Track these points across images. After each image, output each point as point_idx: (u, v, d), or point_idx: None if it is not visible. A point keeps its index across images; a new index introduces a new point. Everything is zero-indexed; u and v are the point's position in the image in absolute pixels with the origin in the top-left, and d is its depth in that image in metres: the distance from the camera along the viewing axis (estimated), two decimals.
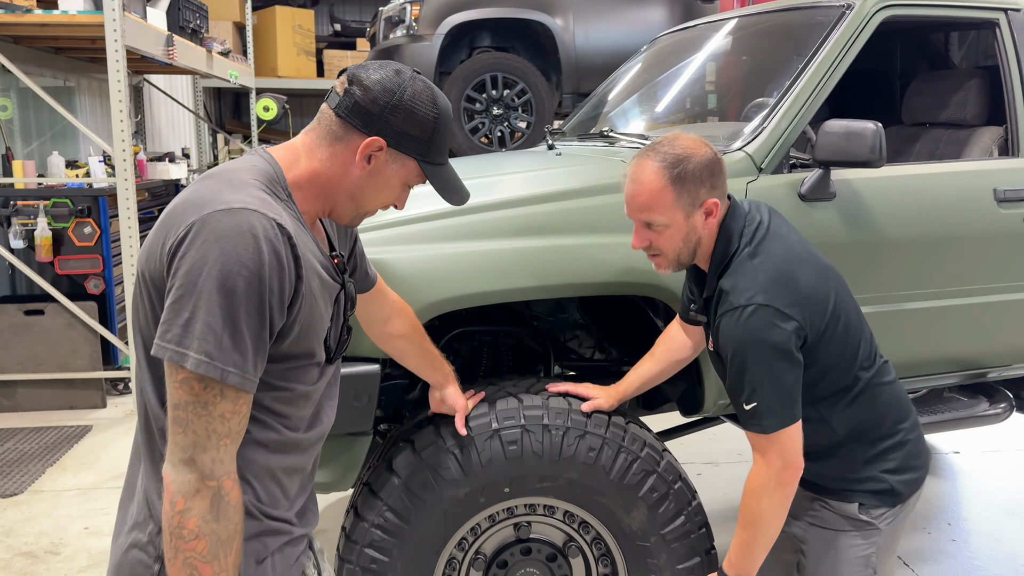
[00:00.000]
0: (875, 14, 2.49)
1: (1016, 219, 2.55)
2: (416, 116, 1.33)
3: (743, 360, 1.72)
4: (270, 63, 9.74)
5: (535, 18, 5.98)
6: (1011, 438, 4.48)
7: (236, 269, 1.15)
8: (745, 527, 1.80)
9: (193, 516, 1.17)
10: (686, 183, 1.74)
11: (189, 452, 1.17)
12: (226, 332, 1.16)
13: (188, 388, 1.16)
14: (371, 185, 1.36)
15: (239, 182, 1.26)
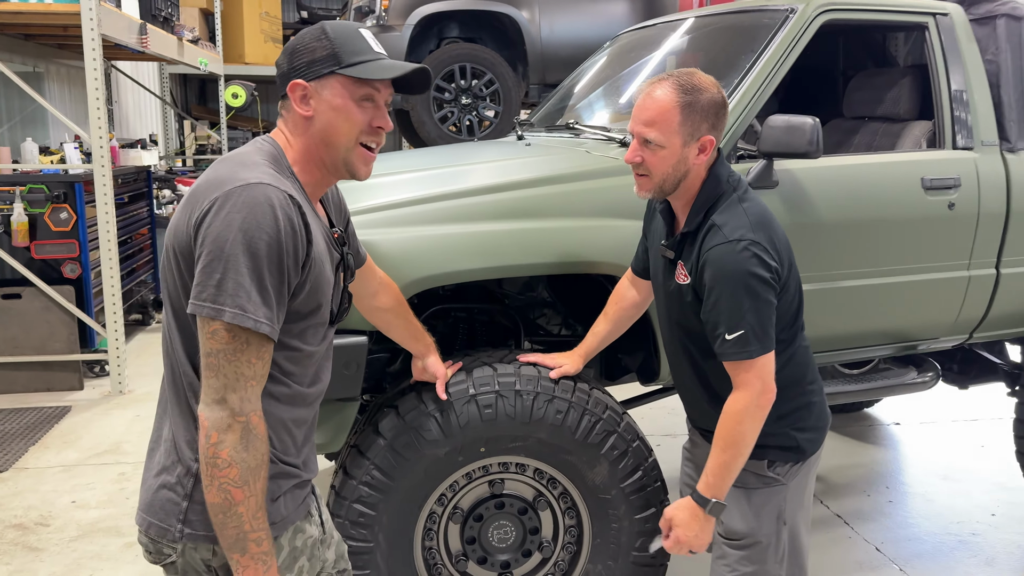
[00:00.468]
0: (816, 17, 2.73)
1: (941, 205, 2.81)
2: (307, 45, 1.47)
3: (733, 289, 1.81)
4: (237, 50, 9.79)
5: (502, 10, 6.16)
6: (947, 410, 4.82)
7: (258, 234, 1.33)
8: (725, 450, 1.87)
9: (226, 447, 1.34)
10: (693, 112, 1.83)
11: (221, 393, 1.34)
12: (254, 288, 1.33)
13: (219, 338, 1.34)
14: (328, 120, 1.47)
15: (251, 162, 1.43)
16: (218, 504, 1.36)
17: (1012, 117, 2.97)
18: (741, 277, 1.81)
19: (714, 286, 1.84)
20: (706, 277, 1.85)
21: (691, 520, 1.92)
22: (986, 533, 3.41)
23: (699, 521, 1.91)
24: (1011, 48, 2.99)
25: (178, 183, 7.91)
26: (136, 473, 3.91)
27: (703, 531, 1.92)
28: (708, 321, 1.87)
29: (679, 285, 1.95)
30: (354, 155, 1.51)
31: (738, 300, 1.81)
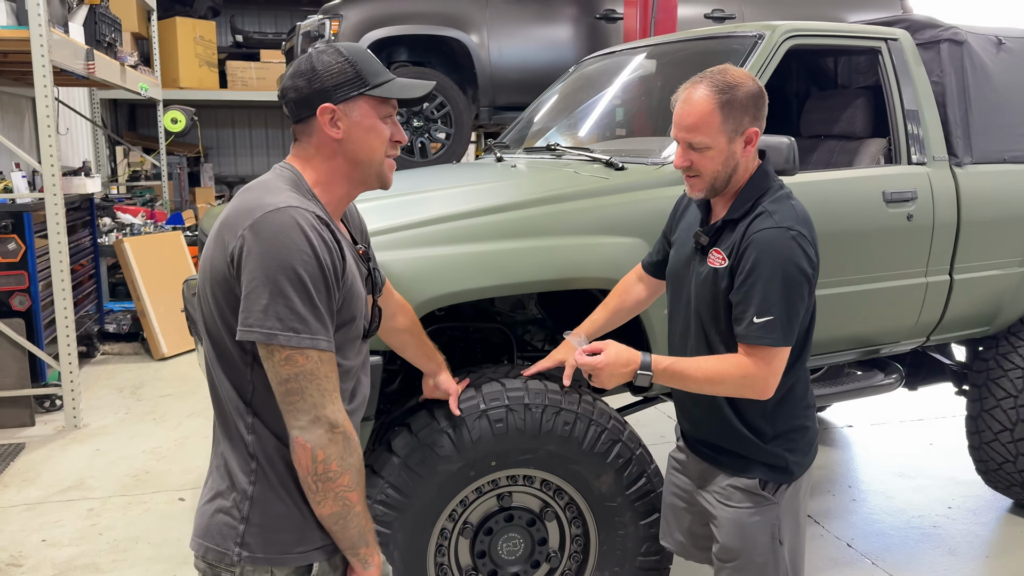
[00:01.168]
0: (783, 42, 2.90)
1: (901, 217, 3.01)
2: (332, 68, 1.50)
3: (773, 274, 1.81)
4: (172, 74, 9.63)
5: (452, 35, 6.25)
6: (895, 412, 5.07)
7: (298, 255, 1.37)
8: (700, 368, 1.90)
9: (334, 460, 1.40)
10: (733, 109, 1.85)
11: (313, 412, 1.39)
12: (306, 308, 1.37)
13: (293, 363, 1.38)
14: (358, 140, 1.53)
15: (274, 188, 1.48)
16: (337, 512, 1.43)
17: (958, 134, 3.20)
18: (784, 264, 1.82)
19: (755, 267, 1.84)
20: (749, 257, 1.85)
21: (618, 360, 1.94)
22: (945, 525, 3.62)
23: (623, 367, 1.93)
24: (954, 70, 3.22)
25: (117, 211, 7.72)
26: (105, 509, 3.82)
27: (615, 374, 1.94)
28: (739, 301, 1.87)
29: (713, 269, 1.94)
30: (384, 167, 1.60)
31: (775, 285, 1.82)
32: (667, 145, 2.84)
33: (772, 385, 1.89)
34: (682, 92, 1.94)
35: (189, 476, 4.18)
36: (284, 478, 1.47)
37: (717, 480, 2.09)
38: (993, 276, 3.24)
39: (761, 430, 2.02)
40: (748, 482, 2.02)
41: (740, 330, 1.88)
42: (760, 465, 2.01)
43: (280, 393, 1.40)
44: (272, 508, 1.46)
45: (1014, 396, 3.40)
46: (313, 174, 1.56)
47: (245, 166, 12.05)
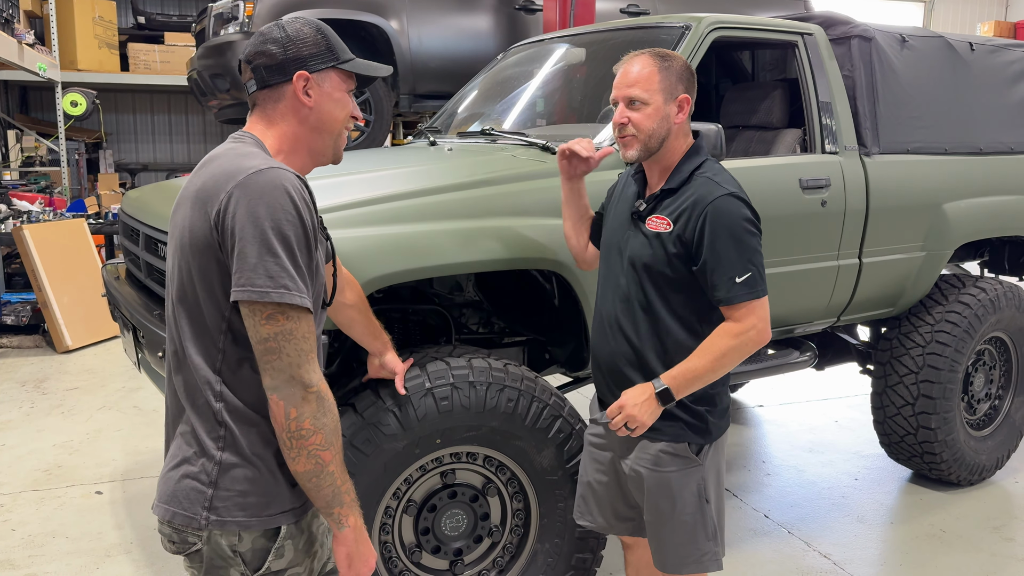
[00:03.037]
0: (708, 34, 3.02)
1: (815, 203, 3.18)
2: (306, 39, 1.54)
3: (740, 235, 1.96)
4: (69, 56, 9.17)
5: (370, 20, 6.18)
6: (802, 392, 5.34)
7: (284, 216, 1.39)
8: (702, 356, 1.99)
9: (307, 418, 1.41)
10: (670, 73, 2.04)
11: (288, 372, 1.40)
12: (291, 266, 1.39)
13: (275, 321, 1.39)
14: (325, 110, 1.57)
15: (247, 153, 1.48)
16: (310, 470, 1.44)
17: (867, 125, 3.40)
18: (744, 224, 1.98)
19: (720, 234, 1.96)
20: (710, 226, 1.97)
21: (641, 398, 2.02)
22: (853, 495, 3.84)
23: (649, 403, 2.01)
24: (863, 65, 3.42)
25: (13, 197, 7.33)
26: (16, 504, 3.65)
27: (649, 412, 2.02)
28: (712, 269, 1.97)
29: (656, 233, 2.05)
30: (340, 140, 1.63)
31: (746, 244, 1.97)
32: (600, 131, 2.92)
33: (768, 330, 2.03)
34: (625, 59, 2.11)
35: (105, 469, 4.04)
36: (254, 444, 1.47)
37: (642, 447, 2.14)
38: (898, 260, 3.46)
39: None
40: (676, 446, 2.11)
41: (723, 294, 1.97)
42: (685, 428, 2.10)
43: (259, 352, 1.41)
44: (240, 472, 1.46)
45: (915, 373, 3.65)
46: (275, 142, 1.57)
47: (147, 153, 11.59)
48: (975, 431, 3.95)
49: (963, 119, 3.73)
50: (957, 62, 3.73)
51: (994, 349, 3.99)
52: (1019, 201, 3.85)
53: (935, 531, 3.50)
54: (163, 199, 2.91)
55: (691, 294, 2.05)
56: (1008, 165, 3.86)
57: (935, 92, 3.63)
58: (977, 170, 3.71)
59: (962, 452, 3.77)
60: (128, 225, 3.04)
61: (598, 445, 2.29)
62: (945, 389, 3.62)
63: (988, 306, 3.71)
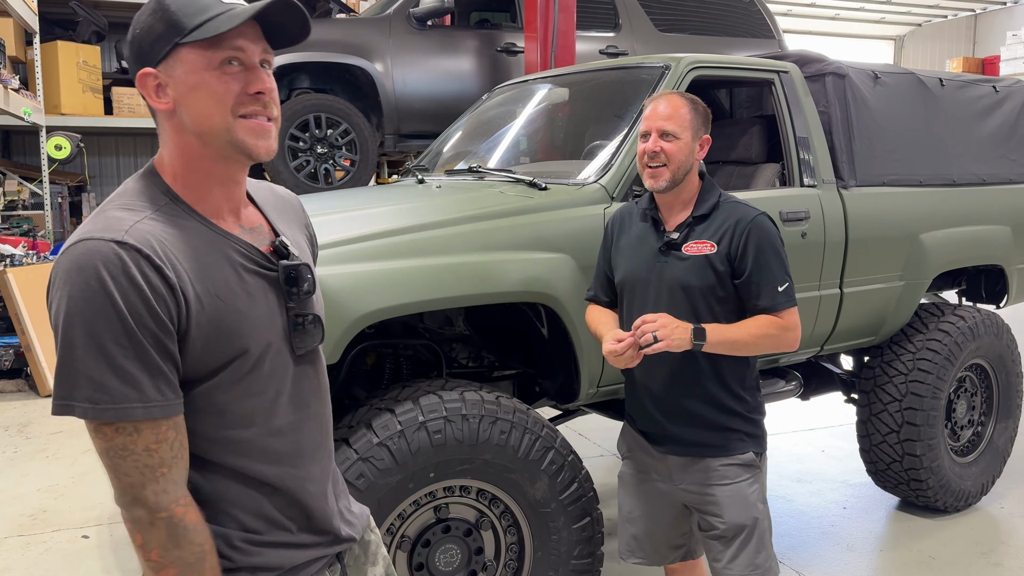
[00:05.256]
0: (687, 73, 3.11)
1: (796, 235, 3.25)
2: (144, 24, 1.22)
3: (777, 250, 2.19)
4: (53, 100, 9.21)
5: (356, 63, 6.28)
6: (787, 423, 5.38)
7: (85, 307, 1.11)
8: (744, 328, 2.14)
9: (154, 547, 1.18)
10: (697, 114, 2.25)
11: (130, 493, 1.17)
12: (107, 371, 1.12)
13: (102, 435, 1.15)
14: (192, 104, 1.21)
15: (97, 210, 1.22)
16: None
17: (843, 159, 3.49)
18: (777, 240, 2.21)
19: (764, 248, 2.17)
20: (753, 241, 2.17)
21: (679, 326, 2.08)
22: (842, 524, 3.87)
23: (684, 330, 2.08)
24: (838, 101, 3.52)
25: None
26: (2, 549, 3.60)
27: (679, 337, 2.06)
28: (758, 280, 2.17)
29: (704, 256, 2.19)
30: (238, 133, 1.22)
31: (783, 257, 2.21)
32: (584, 167, 2.99)
33: (799, 338, 2.21)
34: (656, 96, 2.31)
35: (92, 513, 3.99)
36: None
37: (705, 467, 2.23)
38: (878, 290, 3.54)
39: (745, 400, 2.25)
40: (743, 457, 2.22)
41: (766, 302, 2.17)
42: (747, 437, 2.24)
43: (105, 466, 1.18)
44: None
45: (899, 400, 3.70)
46: (169, 167, 1.26)
47: None
48: (959, 457, 4.00)
49: (936, 152, 3.83)
50: (928, 97, 3.85)
51: (975, 376, 4.06)
52: (993, 231, 3.95)
53: (924, 557, 3.52)
54: None
55: (736, 310, 2.21)
56: (981, 196, 3.96)
57: (908, 126, 3.74)
58: (952, 201, 3.81)
59: (948, 478, 3.81)
60: None
61: (642, 479, 2.36)
62: (929, 416, 3.67)
63: (967, 334, 3.78)
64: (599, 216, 2.76)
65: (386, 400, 2.42)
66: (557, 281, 2.56)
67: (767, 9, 7.79)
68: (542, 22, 6.06)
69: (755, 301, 2.18)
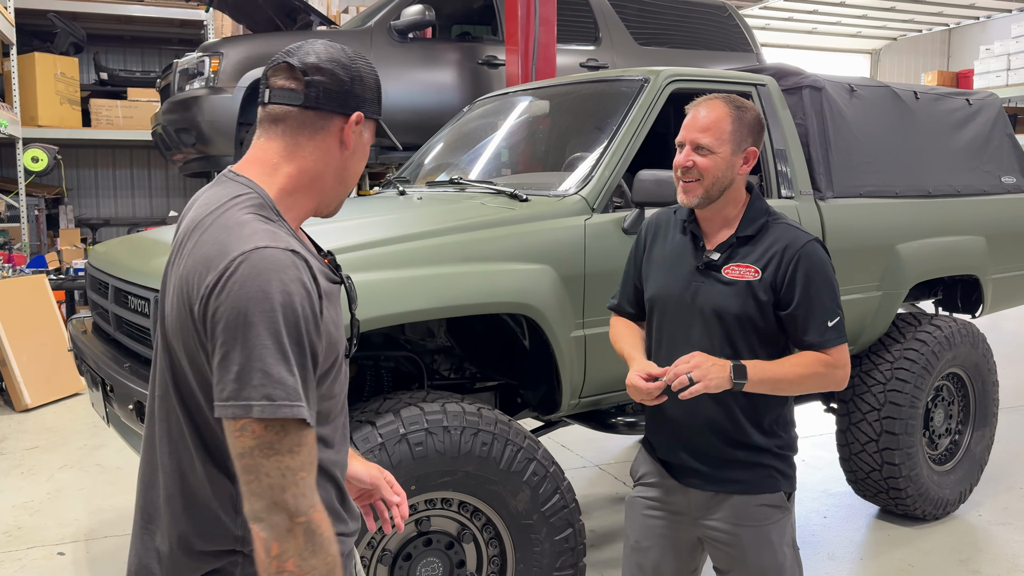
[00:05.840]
0: (666, 86, 3.14)
1: None
2: (368, 80, 1.36)
3: (830, 281, 1.99)
4: (30, 112, 9.14)
5: None
6: None
7: (270, 309, 1.17)
8: (788, 365, 1.95)
9: (291, 557, 1.15)
10: (741, 124, 1.99)
11: (269, 496, 1.16)
12: (284, 371, 1.17)
13: (250, 433, 1.16)
14: (353, 159, 1.38)
15: (236, 224, 1.24)
16: None
17: (820, 171, 3.54)
18: (830, 270, 2.01)
19: (814, 278, 1.97)
20: (803, 271, 1.97)
21: (716, 364, 1.90)
22: (823, 533, 3.89)
23: (723, 369, 1.89)
24: (815, 113, 3.57)
25: None
26: None
27: (717, 376, 1.88)
28: (808, 314, 1.96)
29: (746, 282, 1.99)
30: (343, 200, 1.45)
31: (834, 290, 2.00)
32: (565, 179, 3.00)
33: (848, 377, 2.02)
34: (698, 101, 2.06)
35: (67, 530, 3.94)
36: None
37: (732, 505, 2.04)
38: (856, 300, 3.57)
39: (778, 436, 2.06)
40: (773, 496, 2.04)
41: (814, 338, 1.97)
42: (779, 475, 2.05)
43: (238, 471, 1.18)
44: None
45: (877, 409, 3.73)
46: (289, 179, 1.34)
47: (108, 208, 11.50)
48: (938, 466, 4.03)
49: (911, 164, 3.89)
50: (903, 110, 3.91)
51: (952, 385, 4.10)
52: (968, 241, 4.00)
53: (904, 566, 3.55)
54: (131, 252, 2.92)
55: (775, 342, 2.02)
56: (956, 207, 4.02)
57: (884, 138, 3.80)
58: (927, 212, 3.86)
59: (926, 487, 3.84)
60: (96, 279, 3.03)
61: (657, 508, 2.15)
62: (907, 425, 3.70)
63: (944, 343, 3.83)
64: (579, 227, 2.77)
65: (367, 412, 2.41)
66: (538, 292, 2.56)
67: (745, 23, 7.89)
68: (523, 35, 6.09)
69: (801, 336, 1.98)
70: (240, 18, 7.85)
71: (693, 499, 2.09)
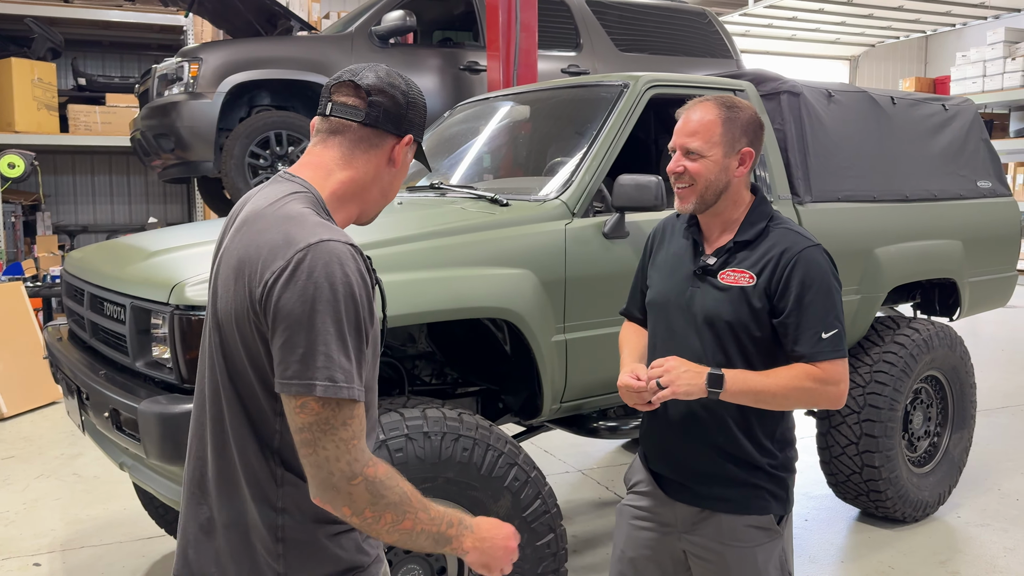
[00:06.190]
0: (645, 92, 3.15)
1: None
2: (420, 106, 1.49)
3: (828, 289, 1.87)
4: (6, 117, 9.05)
5: (317, 80, 6.27)
6: None
7: (334, 298, 1.27)
8: (772, 377, 1.84)
9: (364, 507, 1.30)
10: (733, 126, 1.92)
11: (326, 467, 1.28)
12: (343, 355, 1.28)
13: (309, 410, 1.27)
14: (398, 176, 1.51)
15: (298, 215, 1.35)
16: (398, 540, 1.35)
17: (799, 176, 3.56)
18: (831, 278, 1.90)
19: (810, 285, 1.86)
20: (798, 277, 1.87)
21: (692, 368, 1.85)
22: (804, 536, 3.90)
23: (697, 376, 1.84)
24: (793, 119, 3.59)
25: None
26: None
27: (689, 382, 1.83)
28: (800, 323, 1.87)
29: (740, 288, 1.92)
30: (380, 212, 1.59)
31: (832, 299, 1.87)
32: (545, 184, 3.00)
33: (846, 394, 1.90)
34: (690, 104, 2.00)
35: (43, 540, 3.89)
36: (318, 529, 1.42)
37: (718, 522, 1.98)
38: None
39: (773, 454, 1.98)
40: (761, 519, 1.96)
41: (804, 349, 1.86)
42: (770, 497, 1.97)
43: (297, 444, 1.31)
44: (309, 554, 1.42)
45: (857, 412, 3.75)
46: (341, 186, 1.45)
47: (87, 214, 11.40)
48: (917, 468, 4.06)
49: (889, 168, 3.92)
50: (880, 115, 3.94)
51: (930, 388, 4.14)
52: (945, 245, 4.04)
53: (884, 568, 3.57)
54: (107, 259, 2.89)
55: (773, 352, 1.93)
56: (933, 211, 4.06)
57: (862, 143, 3.83)
58: (905, 216, 3.89)
59: (906, 489, 3.87)
60: (72, 285, 2.99)
61: (645, 519, 2.10)
62: (886, 428, 3.73)
63: (922, 346, 3.86)
64: (560, 232, 2.77)
65: None
66: (518, 297, 2.56)
67: (725, 30, 7.94)
68: (504, 41, 6.10)
69: (792, 346, 1.88)
70: (220, 23, 7.82)
71: (680, 513, 2.03)
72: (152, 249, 2.75)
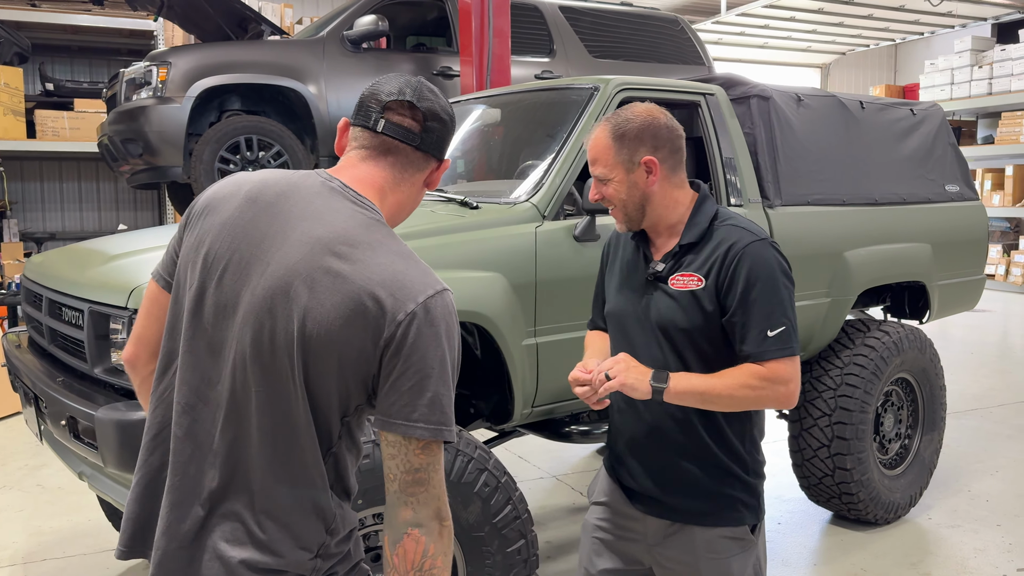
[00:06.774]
0: (616, 95, 3.14)
1: None
2: (452, 131, 1.49)
3: (774, 285, 1.81)
4: None
5: (288, 85, 6.22)
6: None
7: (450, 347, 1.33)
8: (720, 379, 1.80)
9: (439, 555, 1.33)
10: (626, 141, 1.88)
11: (434, 504, 1.33)
12: (451, 401, 1.34)
13: (428, 451, 1.32)
14: (421, 199, 1.52)
15: (408, 252, 1.36)
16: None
17: (769, 179, 3.57)
18: (778, 273, 1.84)
19: (755, 282, 1.81)
20: (743, 273, 1.82)
21: (639, 367, 1.85)
22: (777, 539, 3.90)
23: (642, 374, 1.83)
24: (763, 123, 3.60)
25: None
26: None
27: (635, 378, 1.82)
28: (745, 321, 1.81)
29: (690, 292, 1.88)
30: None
31: (779, 295, 1.81)
32: (516, 187, 2.98)
33: (796, 393, 1.84)
34: (589, 134, 1.98)
35: (5, 552, 3.79)
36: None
37: (689, 534, 1.94)
38: (806, 306, 3.60)
39: (743, 459, 1.94)
40: (736, 529, 1.92)
41: (751, 348, 1.80)
42: (743, 507, 1.94)
43: (406, 482, 1.32)
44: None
45: (828, 415, 3.76)
46: (389, 209, 1.44)
47: (55, 221, 11.22)
48: (888, 470, 4.08)
49: (858, 172, 3.95)
50: (850, 119, 3.97)
51: (900, 390, 4.16)
52: (914, 248, 4.07)
53: (857, 570, 3.57)
54: (66, 263, 2.82)
55: (733, 355, 1.86)
56: (902, 215, 4.09)
57: (831, 147, 3.85)
58: (874, 220, 3.92)
59: (877, 491, 3.88)
60: (31, 291, 2.92)
61: (610, 532, 2.06)
62: (857, 430, 3.74)
63: (892, 348, 3.88)
64: (530, 235, 2.75)
65: None
66: (488, 300, 2.53)
67: (697, 36, 7.99)
68: (477, 47, 6.09)
69: (740, 345, 1.82)
70: (190, 28, 7.74)
71: (650, 528, 1.99)
72: (112, 253, 2.69)
